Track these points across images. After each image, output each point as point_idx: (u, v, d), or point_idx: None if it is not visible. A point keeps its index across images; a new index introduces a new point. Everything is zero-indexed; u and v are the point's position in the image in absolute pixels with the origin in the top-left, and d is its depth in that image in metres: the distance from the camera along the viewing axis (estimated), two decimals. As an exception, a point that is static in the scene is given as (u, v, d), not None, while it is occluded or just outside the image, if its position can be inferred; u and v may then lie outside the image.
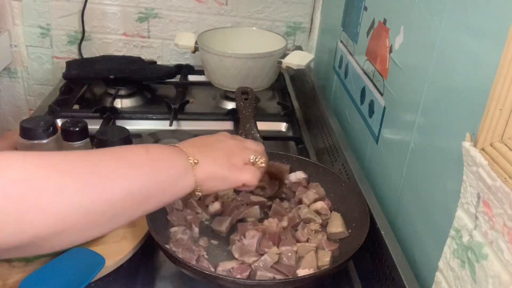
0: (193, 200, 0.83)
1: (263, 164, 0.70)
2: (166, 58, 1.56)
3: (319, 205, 0.83)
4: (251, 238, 0.75)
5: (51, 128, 0.87)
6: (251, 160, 0.69)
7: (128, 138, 0.87)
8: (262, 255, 0.73)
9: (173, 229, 0.77)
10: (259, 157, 0.69)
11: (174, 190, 0.60)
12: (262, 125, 1.07)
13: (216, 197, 0.86)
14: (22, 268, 0.70)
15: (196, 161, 0.62)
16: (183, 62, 1.47)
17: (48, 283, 0.67)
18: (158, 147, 0.62)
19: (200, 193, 0.63)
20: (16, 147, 0.90)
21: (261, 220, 0.81)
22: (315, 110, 1.21)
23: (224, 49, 1.25)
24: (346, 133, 1.05)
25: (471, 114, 0.57)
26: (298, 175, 0.91)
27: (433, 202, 0.67)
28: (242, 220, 0.82)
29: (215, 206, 0.83)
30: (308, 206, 0.84)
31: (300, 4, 1.50)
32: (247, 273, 0.69)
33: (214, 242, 0.78)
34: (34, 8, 1.46)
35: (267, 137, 1.05)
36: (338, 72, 1.19)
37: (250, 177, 0.67)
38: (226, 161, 0.66)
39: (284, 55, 1.27)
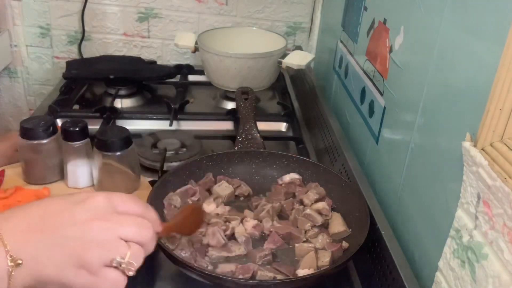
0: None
1: (131, 272, 0.48)
2: (166, 58, 1.56)
3: (321, 205, 0.83)
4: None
5: (51, 128, 0.87)
6: (114, 263, 0.47)
7: (128, 138, 0.87)
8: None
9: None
10: (126, 261, 0.47)
11: None
12: (262, 125, 1.07)
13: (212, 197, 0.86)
14: (22, 268, 0.70)
15: (19, 262, 0.43)
16: (183, 62, 1.47)
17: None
18: None
19: None
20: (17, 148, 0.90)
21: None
22: (315, 110, 1.21)
23: (224, 49, 1.25)
24: (346, 133, 1.05)
25: (471, 114, 0.57)
26: (291, 176, 0.91)
27: (433, 202, 0.67)
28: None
29: (210, 208, 0.83)
30: (310, 206, 0.84)
31: (300, 4, 1.50)
32: (249, 275, 0.69)
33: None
34: (34, 8, 1.46)
35: (267, 137, 1.05)
36: (338, 72, 1.19)
37: (107, 287, 0.47)
38: (72, 261, 0.45)
39: (284, 55, 1.27)
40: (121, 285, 0.48)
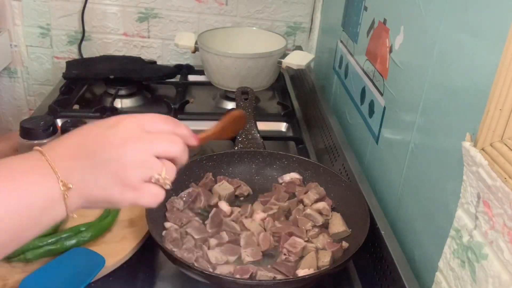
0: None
1: (167, 185, 0.52)
2: (166, 58, 1.56)
3: (321, 205, 0.83)
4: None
5: (51, 128, 0.87)
6: (153, 180, 0.51)
7: (128, 138, 0.87)
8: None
9: (167, 224, 0.78)
10: (163, 176, 0.51)
11: (37, 226, 0.46)
12: (262, 125, 1.07)
13: (220, 197, 0.86)
14: (22, 268, 0.70)
15: (70, 186, 0.46)
16: (183, 62, 1.48)
17: (48, 283, 0.67)
18: (13, 163, 0.48)
19: (75, 216, 0.49)
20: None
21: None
22: (315, 110, 1.21)
23: (224, 49, 1.25)
24: (346, 133, 1.05)
25: (471, 114, 0.57)
26: (292, 175, 0.91)
27: (433, 202, 0.67)
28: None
29: (225, 207, 0.83)
30: (310, 206, 0.84)
31: (300, 4, 1.50)
32: (248, 276, 0.69)
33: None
34: (34, 8, 1.46)
35: (267, 137, 1.05)
36: (338, 72, 1.19)
37: (148, 201, 0.51)
38: (115, 181, 0.49)
39: (284, 55, 1.27)
40: (160, 197, 0.52)
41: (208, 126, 1.17)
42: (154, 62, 1.43)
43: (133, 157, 0.49)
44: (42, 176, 0.46)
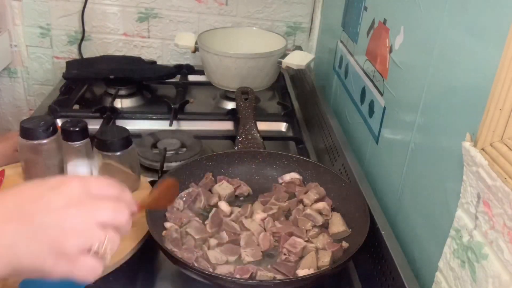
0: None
1: (107, 259, 0.48)
2: (166, 58, 1.56)
3: (321, 205, 0.83)
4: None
5: (51, 128, 0.87)
6: (92, 251, 0.46)
7: (128, 138, 0.87)
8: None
9: (167, 224, 0.78)
10: (104, 247, 0.47)
11: None
12: (262, 125, 1.07)
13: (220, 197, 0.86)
14: (22, 268, 0.70)
15: None
16: (183, 62, 1.47)
17: (47, 283, 0.67)
18: None
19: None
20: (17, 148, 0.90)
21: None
22: (315, 110, 1.21)
23: (224, 49, 1.25)
24: (346, 133, 1.05)
25: (471, 114, 0.57)
26: (292, 175, 0.91)
27: (433, 202, 0.67)
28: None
29: (225, 207, 0.83)
30: (310, 206, 0.84)
31: (300, 4, 1.50)
32: (248, 276, 0.69)
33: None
34: (34, 8, 1.46)
35: (267, 137, 1.05)
36: (338, 72, 1.19)
37: (83, 275, 0.46)
38: (50, 250, 0.44)
39: (284, 55, 1.27)
40: (97, 271, 0.47)
41: (208, 126, 1.19)
42: (154, 62, 1.43)
43: (74, 224, 0.45)
44: None
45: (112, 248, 0.48)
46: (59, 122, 1.09)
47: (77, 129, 0.86)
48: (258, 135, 1.00)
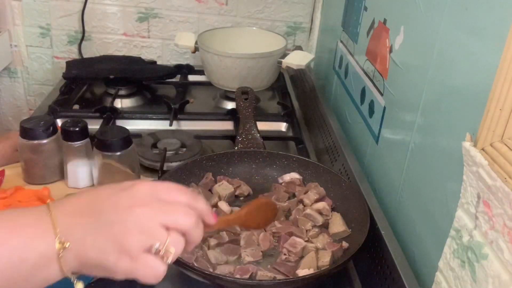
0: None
1: (169, 259, 0.47)
2: (166, 58, 1.56)
3: (321, 205, 0.83)
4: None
5: (51, 128, 0.87)
6: (155, 248, 0.46)
7: (128, 138, 0.87)
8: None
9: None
10: (167, 245, 0.47)
11: (27, 283, 0.45)
12: (262, 125, 1.07)
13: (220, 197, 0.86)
14: (22, 268, 0.70)
15: (66, 245, 0.45)
16: (183, 62, 1.47)
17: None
18: (19, 214, 0.47)
19: (76, 282, 0.48)
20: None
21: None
22: (315, 110, 1.21)
23: (224, 49, 1.25)
24: (346, 133, 1.05)
25: (471, 114, 0.57)
26: (292, 175, 0.91)
27: (433, 202, 0.67)
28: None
29: (225, 207, 0.83)
30: (310, 206, 0.84)
31: (300, 4, 1.50)
32: (248, 276, 0.69)
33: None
34: (34, 8, 1.46)
35: (267, 137, 1.05)
36: (338, 72, 1.19)
37: (144, 275, 0.46)
38: (114, 245, 0.46)
39: (284, 55, 1.27)
40: (160, 272, 0.47)
41: (208, 126, 1.19)
42: (154, 62, 1.43)
43: (138, 222, 0.46)
44: (41, 232, 0.45)
45: (175, 251, 0.47)
46: (59, 122, 1.09)
47: (77, 129, 0.86)
48: (258, 135, 1.00)
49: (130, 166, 0.88)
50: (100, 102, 1.27)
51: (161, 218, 0.47)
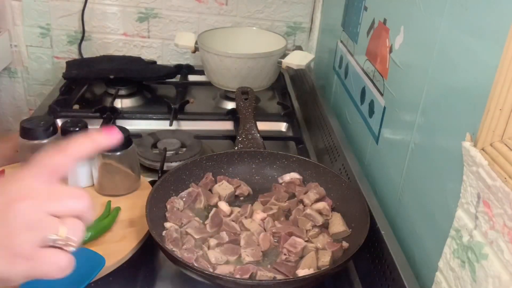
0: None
1: (71, 248, 0.43)
2: (166, 58, 1.56)
3: (321, 205, 0.83)
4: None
5: (51, 128, 0.87)
6: (50, 242, 0.41)
7: (128, 138, 0.87)
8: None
9: (167, 224, 0.78)
10: (62, 235, 0.42)
11: None
12: (262, 125, 1.07)
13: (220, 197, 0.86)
14: (22, 268, 0.70)
15: None
16: (183, 62, 1.47)
17: (48, 283, 0.67)
18: None
19: None
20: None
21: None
22: (315, 110, 1.21)
23: (224, 49, 1.25)
24: (346, 133, 1.05)
25: (471, 114, 0.57)
26: (292, 175, 0.91)
27: (433, 202, 0.67)
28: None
29: (225, 207, 0.83)
30: (310, 206, 0.84)
31: (300, 4, 1.50)
32: (248, 276, 0.69)
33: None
34: (34, 8, 1.46)
35: (267, 137, 1.05)
36: (338, 72, 1.19)
37: (48, 269, 0.42)
38: (2, 252, 0.40)
39: (284, 55, 1.27)
40: (65, 263, 0.42)
41: (208, 126, 1.19)
42: (154, 62, 1.43)
43: (21, 218, 0.40)
44: None
45: (75, 234, 0.43)
46: (59, 122, 1.09)
47: (77, 129, 0.86)
48: (258, 135, 1.00)
49: (130, 166, 0.88)
50: (100, 102, 1.27)
51: (48, 207, 0.42)
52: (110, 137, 0.47)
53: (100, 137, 0.47)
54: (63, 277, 0.42)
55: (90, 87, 1.35)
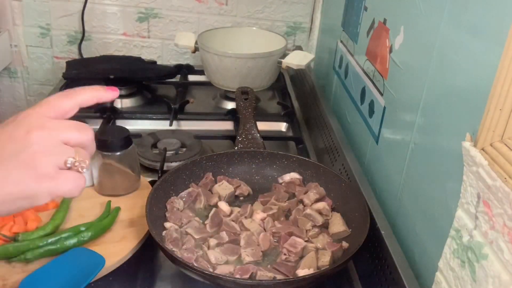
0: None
1: (83, 169, 0.49)
2: (166, 58, 1.56)
3: (321, 205, 0.83)
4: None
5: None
6: (68, 164, 0.48)
7: (128, 138, 0.87)
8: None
9: (167, 224, 0.78)
10: (78, 159, 0.49)
11: None
12: (262, 125, 1.07)
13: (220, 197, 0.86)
14: (22, 268, 0.70)
15: None
16: (183, 62, 1.47)
17: (48, 283, 0.67)
18: None
19: None
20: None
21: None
22: (315, 110, 1.21)
23: (224, 49, 1.25)
24: (346, 133, 1.05)
25: (471, 114, 0.57)
26: (292, 175, 0.91)
27: (433, 202, 0.67)
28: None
29: (226, 207, 0.83)
30: (310, 206, 0.84)
31: (300, 4, 1.50)
32: (248, 276, 0.69)
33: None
34: (34, 8, 1.46)
35: (267, 137, 1.05)
36: (338, 72, 1.19)
37: (69, 188, 0.48)
38: (28, 173, 0.46)
39: (284, 55, 1.27)
40: (81, 183, 0.49)
41: (208, 126, 1.19)
42: (154, 62, 1.43)
43: (41, 144, 0.47)
44: None
45: (84, 164, 0.49)
46: (59, 122, 1.09)
47: (77, 129, 0.86)
48: (258, 135, 1.00)
49: (130, 166, 0.88)
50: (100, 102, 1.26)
51: (60, 136, 0.48)
52: (110, 93, 0.58)
53: (102, 90, 0.58)
54: (78, 195, 0.49)
55: (90, 87, 1.35)
